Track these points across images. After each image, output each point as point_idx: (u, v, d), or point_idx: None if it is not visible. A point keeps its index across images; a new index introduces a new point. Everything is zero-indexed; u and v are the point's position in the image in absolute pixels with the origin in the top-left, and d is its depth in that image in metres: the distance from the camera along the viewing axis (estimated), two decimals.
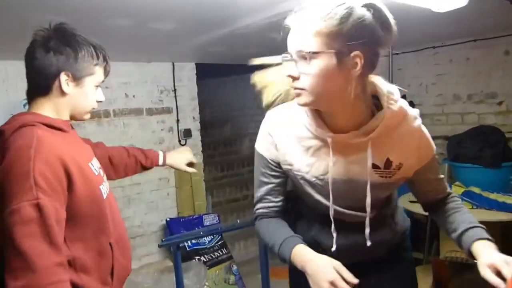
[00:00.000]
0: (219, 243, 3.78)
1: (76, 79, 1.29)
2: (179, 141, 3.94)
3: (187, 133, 3.96)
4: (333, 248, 1.24)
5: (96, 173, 1.36)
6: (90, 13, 1.92)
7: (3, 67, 2.97)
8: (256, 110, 5.76)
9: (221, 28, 2.44)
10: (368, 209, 1.19)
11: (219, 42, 2.87)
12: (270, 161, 1.26)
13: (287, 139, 1.21)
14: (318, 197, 1.24)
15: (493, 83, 3.44)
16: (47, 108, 1.30)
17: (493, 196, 2.84)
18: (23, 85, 3.06)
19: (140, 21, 2.14)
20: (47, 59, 1.24)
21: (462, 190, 2.95)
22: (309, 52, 1.00)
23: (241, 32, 2.53)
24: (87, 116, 1.40)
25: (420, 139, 1.19)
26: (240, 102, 6.02)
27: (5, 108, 2.87)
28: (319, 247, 1.25)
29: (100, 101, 1.41)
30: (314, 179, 1.20)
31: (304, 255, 1.14)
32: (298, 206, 1.40)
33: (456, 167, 3.33)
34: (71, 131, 1.37)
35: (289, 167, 1.23)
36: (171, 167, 1.84)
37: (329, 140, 1.13)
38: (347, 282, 1.03)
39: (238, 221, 3.05)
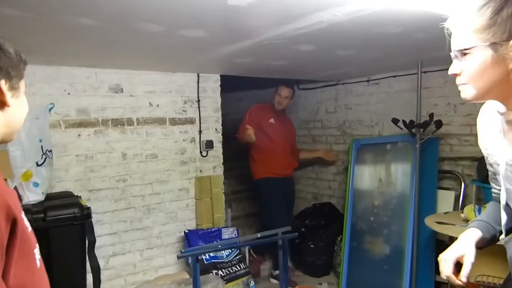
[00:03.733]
0: (237, 257, 3.71)
1: (14, 87, 0.98)
2: (201, 152, 3.91)
3: (209, 145, 3.93)
4: (502, 237, 1.31)
5: (30, 229, 0.97)
6: (121, 16, 1.91)
7: (31, 71, 3.00)
8: None
9: (250, 38, 2.42)
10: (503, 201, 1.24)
11: (246, 52, 2.85)
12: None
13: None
14: None
15: None
16: None
17: None
18: (49, 89, 3.14)
19: (171, 28, 2.13)
20: None
21: None
22: (464, 49, 1.07)
23: (269, 43, 2.51)
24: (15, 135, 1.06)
25: None
26: None
27: (31, 111, 2.88)
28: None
29: None
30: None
31: (463, 234, 1.34)
32: None
33: (486, 188, 3.21)
34: None
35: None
36: None
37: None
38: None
39: (259, 235, 2.98)
